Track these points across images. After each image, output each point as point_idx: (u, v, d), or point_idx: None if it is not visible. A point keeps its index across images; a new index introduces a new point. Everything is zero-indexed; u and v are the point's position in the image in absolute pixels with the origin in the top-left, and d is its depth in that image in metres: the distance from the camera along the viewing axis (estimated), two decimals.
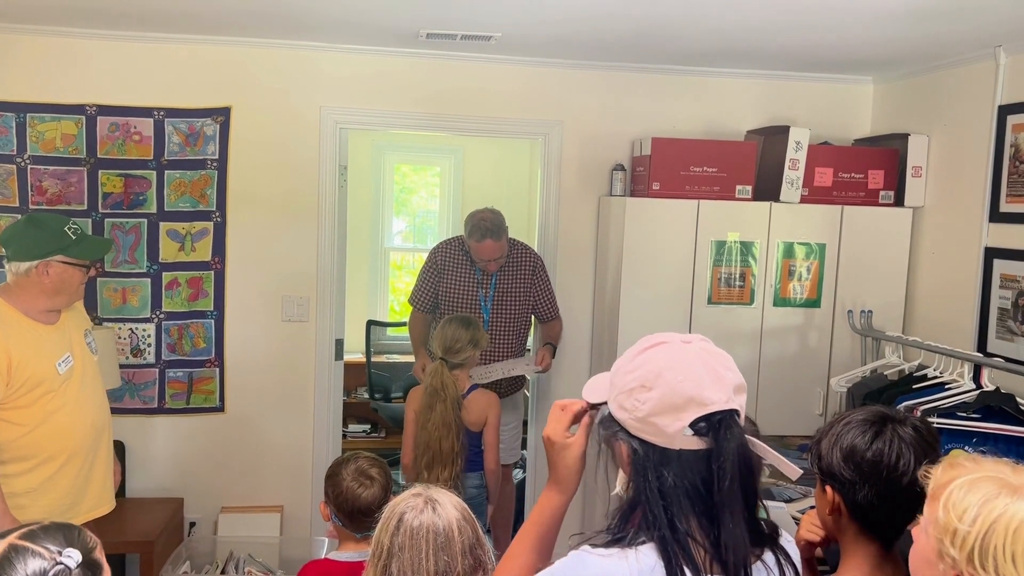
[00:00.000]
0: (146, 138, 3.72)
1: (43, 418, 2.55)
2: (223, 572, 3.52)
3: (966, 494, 1.15)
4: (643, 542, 1.15)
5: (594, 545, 1.18)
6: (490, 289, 3.76)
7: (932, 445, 1.52)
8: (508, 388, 3.86)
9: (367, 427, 5.66)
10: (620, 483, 1.24)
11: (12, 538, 1.20)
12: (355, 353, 5.48)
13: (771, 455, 1.20)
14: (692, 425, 1.13)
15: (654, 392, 1.15)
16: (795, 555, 1.27)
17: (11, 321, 2.53)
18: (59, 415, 2.58)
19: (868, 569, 1.47)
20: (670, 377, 1.15)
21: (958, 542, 1.13)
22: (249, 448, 3.89)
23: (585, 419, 1.30)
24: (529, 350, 3.98)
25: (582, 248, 4.07)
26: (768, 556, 1.20)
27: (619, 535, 1.17)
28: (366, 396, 5.53)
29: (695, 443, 1.14)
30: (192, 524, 3.84)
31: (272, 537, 3.76)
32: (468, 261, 3.75)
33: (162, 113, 3.72)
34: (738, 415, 1.17)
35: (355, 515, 2.22)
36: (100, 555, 1.26)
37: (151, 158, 3.73)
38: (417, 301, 3.85)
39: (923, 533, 1.22)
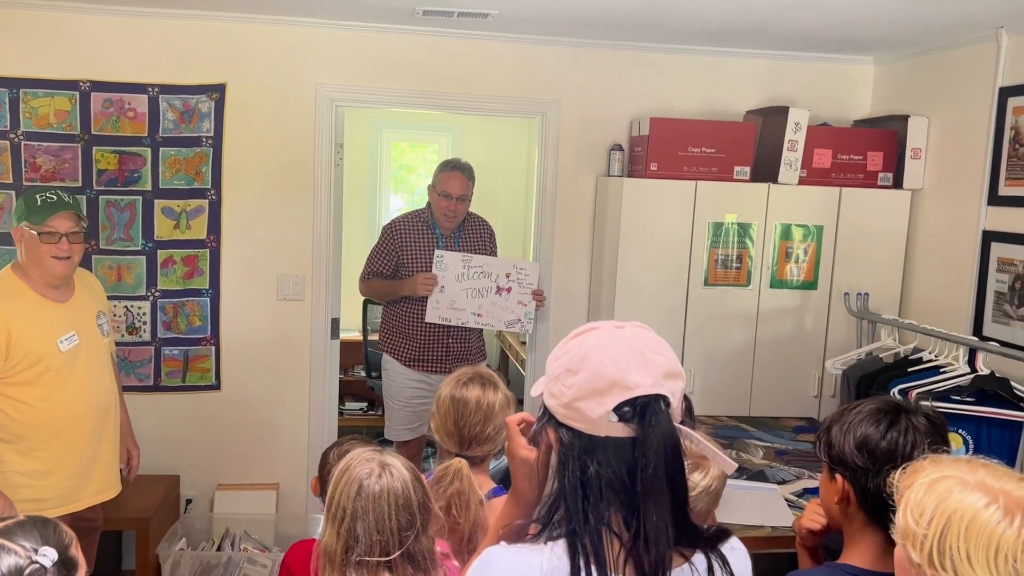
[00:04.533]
0: (140, 115, 3.69)
1: (45, 396, 2.56)
2: (219, 549, 3.55)
3: (923, 496, 1.13)
4: (558, 536, 1.11)
5: (510, 541, 1.16)
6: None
7: (943, 435, 1.53)
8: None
9: (364, 405, 5.67)
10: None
11: None
12: (352, 331, 5.47)
13: (705, 446, 1.15)
14: (616, 410, 1.08)
15: (579, 376, 1.10)
16: (739, 565, 1.18)
17: (15, 295, 2.56)
18: (61, 394, 2.58)
19: (873, 557, 1.47)
20: (595, 360, 1.10)
21: (918, 545, 1.12)
22: (245, 426, 3.90)
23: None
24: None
25: (579, 228, 4.06)
26: (699, 559, 1.13)
27: (541, 530, 1.14)
28: (363, 374, 5.54)
29: (620, 430, 1.08)
30: (188, 501, 3.86)
31: (268, 514, 3.78)
32: (427, 229, 3.68)
33: (156, 90, 3.68)
34: (666, 401, 1.10)
35: None
36: (76, 551, 1.25)
37: (146, 135, 3.70)
38: (375, 274, 3.72)
39: (897, 540, 1.22)
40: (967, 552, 1.06)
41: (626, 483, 1.08)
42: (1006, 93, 3.25)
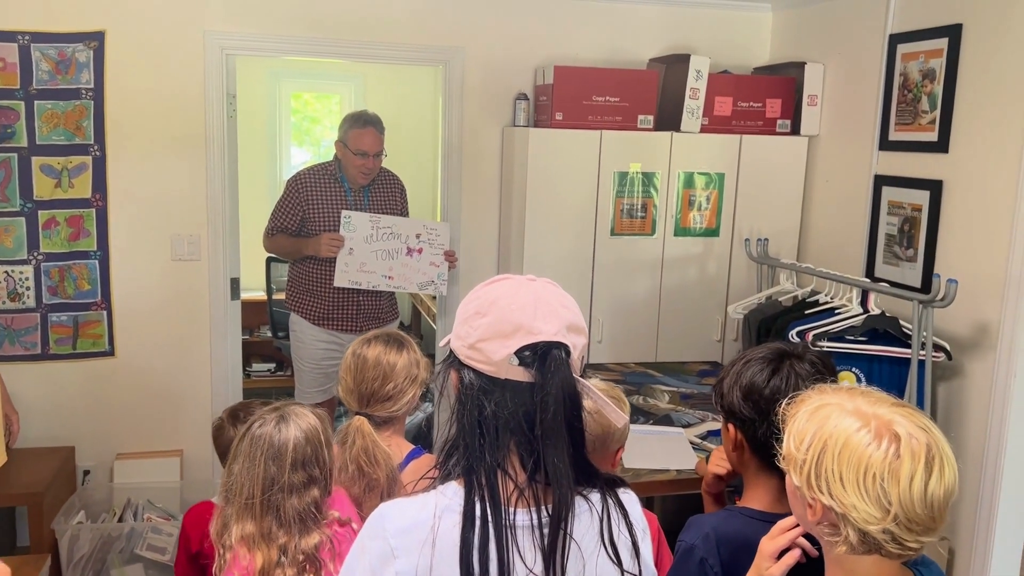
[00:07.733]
0: (10, 65, 3.42)
1: None
2: (120, 520, 3.42)
3: (805, 424, 1.17)
4: (451, 477, 1.15)
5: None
6: (364, 210, 3.55)
7: (830, 375, 1.55)
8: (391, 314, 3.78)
9: (272, 366, 5.54)
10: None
11: None
12: (256, 291, 5.32)
13: (598, 398, 1.18)
14: (518, 353, 1.11)
15: (486, 319, 1.13)
16: (632, 510, 1.22)
17: None
18: None
19: (769, 500, 1.52)
20: (503, 304, 1.14)
21: (798, 469, 1.16)
22: (143, 393, 3.74)
23: None
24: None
25: (487, 178, 4.00)
26: (594, 495, 1.18)
27: (438, 476, 1.17)
28: (269, 334, 5.39)
29: (520, 374, 1.11)
30: (86, 473, 3.70)
31: (172, 482, 3.66)
32: (335, 183, 3.55)
33: (27, 38, 3.42)
34: (567, 351, 1.13)
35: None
36: None
37: (18, 87, 3.44)
38: (280, 229, 3.59)
39: (783, 467, 1.26)
40: (840, 474, 1.10)
41: (523, 426, 1.11)
42: (895, 40, 3.34)
